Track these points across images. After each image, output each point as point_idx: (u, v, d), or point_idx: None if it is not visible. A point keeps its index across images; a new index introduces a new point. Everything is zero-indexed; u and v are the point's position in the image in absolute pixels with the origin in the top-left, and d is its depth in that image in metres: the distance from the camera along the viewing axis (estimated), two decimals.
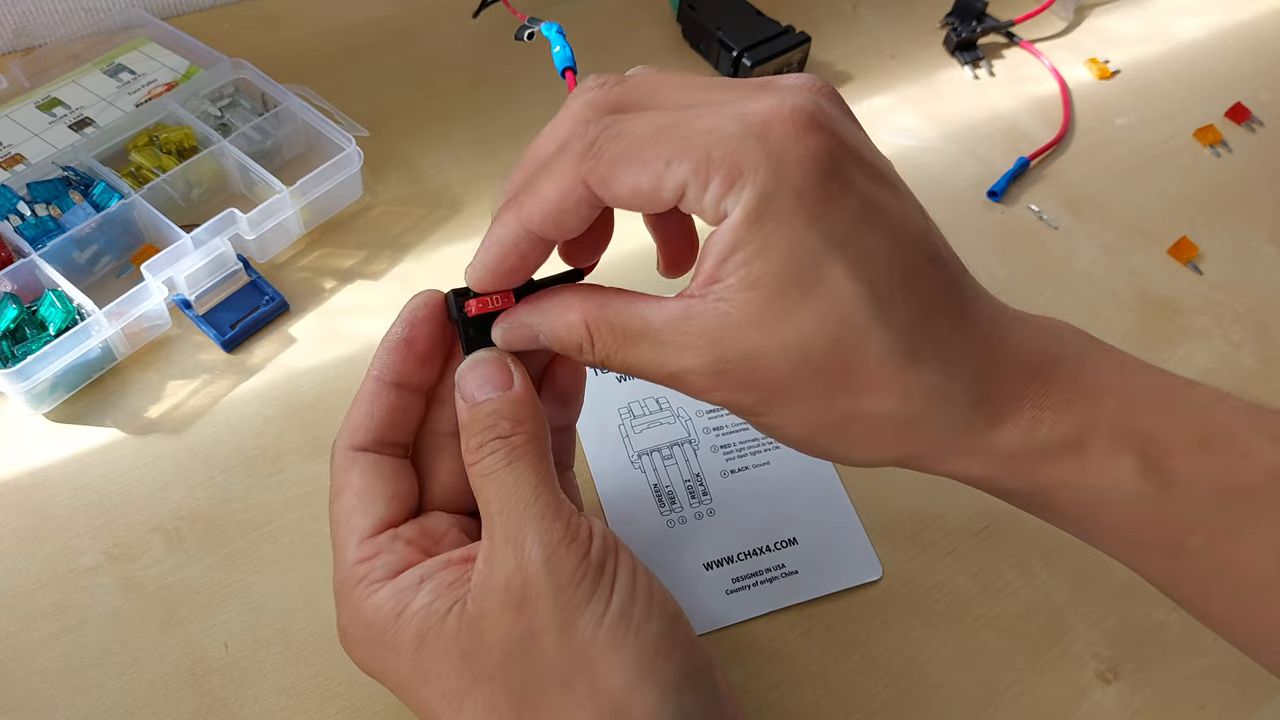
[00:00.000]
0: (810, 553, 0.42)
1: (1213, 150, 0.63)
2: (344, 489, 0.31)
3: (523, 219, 0.28)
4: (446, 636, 0.28)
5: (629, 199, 0.27)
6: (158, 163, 0.50)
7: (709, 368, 0.27)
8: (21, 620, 0.38)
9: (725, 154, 0.25)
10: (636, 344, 0.28)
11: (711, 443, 0.45)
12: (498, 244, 0.29)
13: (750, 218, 0.25)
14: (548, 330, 0.29)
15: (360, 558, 0.30)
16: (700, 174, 0.25)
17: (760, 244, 0.25)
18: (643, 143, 0.26)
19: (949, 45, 0.68)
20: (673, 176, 0.26)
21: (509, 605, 0.27)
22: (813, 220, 0.25)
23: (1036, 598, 0.42)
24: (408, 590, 0.28)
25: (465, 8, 0.64)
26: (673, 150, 0.26)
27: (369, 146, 0.52)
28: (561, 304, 0.29)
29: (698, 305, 0.26)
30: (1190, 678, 0.40)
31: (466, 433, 0.29)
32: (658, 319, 0.27)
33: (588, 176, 0.26)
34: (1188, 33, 0.72)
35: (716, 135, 0.25)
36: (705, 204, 0.26)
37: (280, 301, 0.48)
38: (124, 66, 0.56)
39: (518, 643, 0.27)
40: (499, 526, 0.28)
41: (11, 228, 0.46)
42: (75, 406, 0.44)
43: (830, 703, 0.39)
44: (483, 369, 0.30)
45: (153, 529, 0.41)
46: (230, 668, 0.38)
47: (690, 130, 0.26)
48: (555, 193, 0.27)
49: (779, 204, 0.25)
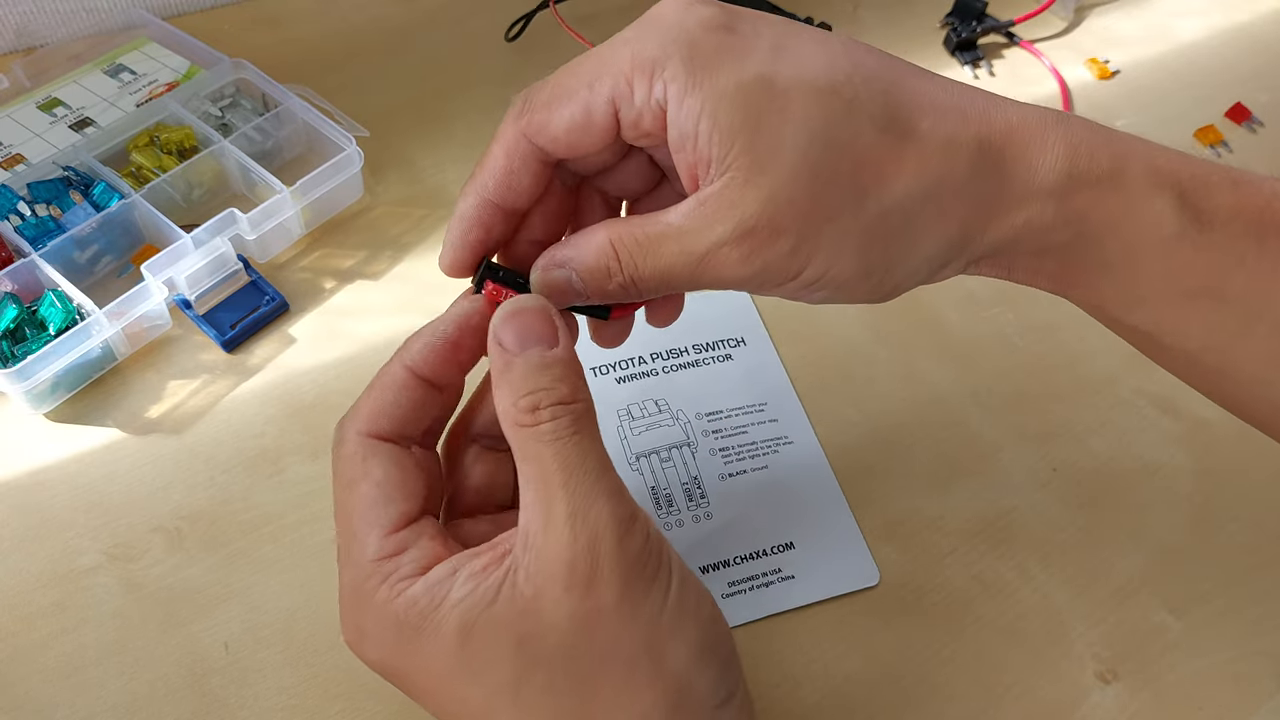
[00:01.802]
0: (807, 558, 0.42)
1: (1213, 150, 0.63)
2: (360, 478, 0.29)
3: (478, 188, 0.30)
4: (497, 622, 0.26)
5: (568, 136, 0.28)
6: (158, 163, 0.50)
7: (735, 233, 0.27)
8: (21, 620, 0.38)
9: (634, 54, 0.27)
10: (661, 244, 0.28)
11: (710, 445, 0.45)
12: (459, 218, 0.30)
13: (688, 84, 0.27)
14: (579, 258, 0.29)
15: (384, 554, 0.28)
16: (623, 82, 0.27)
17: (711, 99, 0.27)
18: (563, 78, 0.29)
19: (949, 45, 0.68)
20: (599, 95, 0.28)
21: (574, 584, 0.25)
22: (739, 57, 0.27)
23: (1036, 598, 0.42)
24: (442, 583, 0.27)
25: (465, 8, 0.64)
26: (590, 73, 0.28)
27: (369, 146, 0.52)
28: (587, 231, 0.30)
29: (706, 190, 0.27)
30: (1189, 678, 0.40)
31: (511, 388, 0.27)
32: (676, 216, 0.28)
33: (525, 128, 0.29)
34: (1188, 33, 0.72)
35: (621, 47, 0.28)
36: (639, 105, 0.27)
37: (280, 301, 0.48)
38: (125, 66, 0.56)
39: (581, 623, 0.26)
40: (562, 501, 0.26)
41: (12, 228, 0.46)
42: (75, 406, 0.44)
43: (830, 703, 0.39)
44: (525, 317, 0.28)
45: (153, 529, 0.41)
46: (230, 668, 0.38)
47: (599, 55, 0.28)
48: (501, 151, 0.29)
49: (703, 60, 0.27)
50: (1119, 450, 0.47)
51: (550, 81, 0.29)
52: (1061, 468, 0.46)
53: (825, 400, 0.47)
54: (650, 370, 0.47)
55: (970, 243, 0.29)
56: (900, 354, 0.50)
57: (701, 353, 0.48)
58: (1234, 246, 0.29)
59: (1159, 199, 0.29)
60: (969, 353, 0.50)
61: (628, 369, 0.47)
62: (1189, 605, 0.42)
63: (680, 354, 0.48)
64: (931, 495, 0.44)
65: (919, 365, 0.49)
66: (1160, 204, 0.29)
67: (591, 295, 0.30)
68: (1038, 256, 0.30)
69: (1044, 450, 0.46)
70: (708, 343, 0.49)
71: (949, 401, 0.48)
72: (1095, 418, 0.48)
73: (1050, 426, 0.47)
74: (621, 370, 0.47)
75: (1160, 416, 0.48)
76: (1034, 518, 0.44)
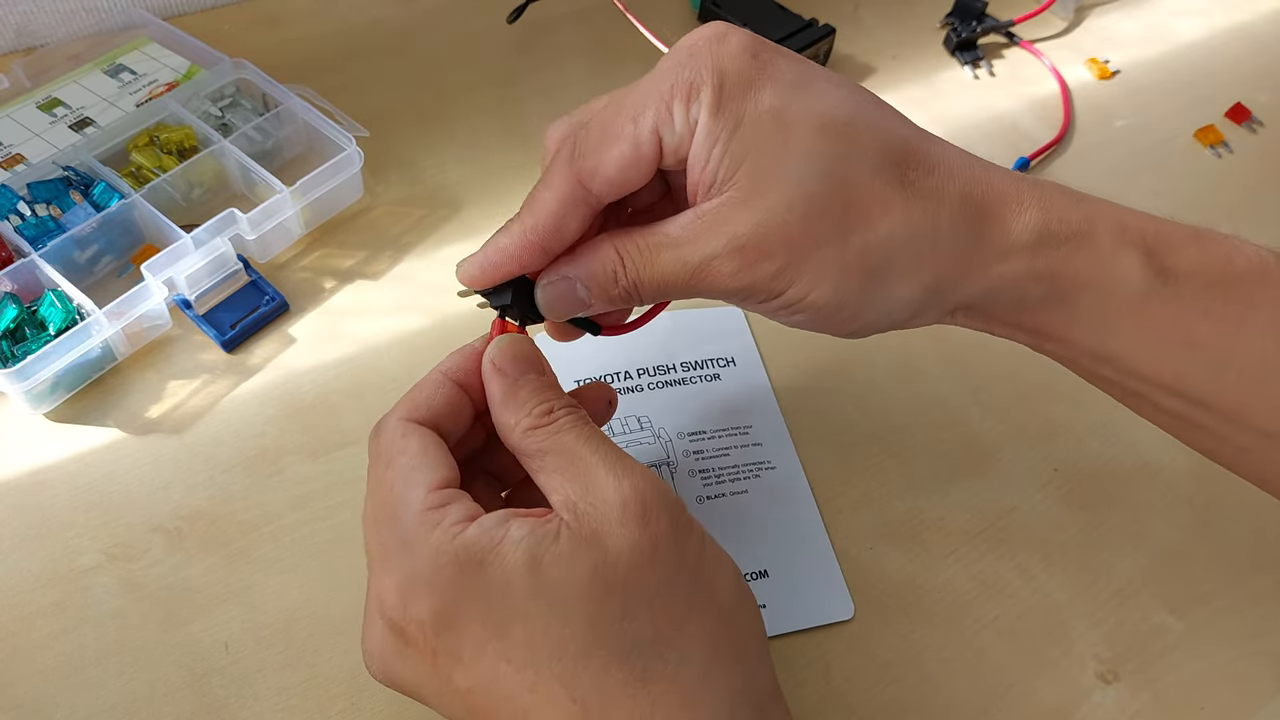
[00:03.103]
0: (782, 587, 0.41)
1: (1213, 150, 0.63)
2: (399, 453, 0.30)
3: (527, 231, 0.31)
4: (567, 554, 0.27)
5: (619, 174, 0.30)
6: (158, 163, 0.50)
7: (727, 249, 0.29)
8: (21, 620, 0.38)
9: (675, 81, 0.29)
10: (661, 253, 0.30)
11: (690, 466, 0.44)
12: (501, 251, 0.31)
13: (713, 109, 0.29)
14: (583, 270, 0.31)
15: (434, 504, 0.28)
16: (664, 108, 0.29)
17: (729, 125, 0.29)
18: (609, 118, 0.30)
19: (949, 45, 0.68)
20: (644, 126, 0.29)
21: (630, 518, 0.27)
22: (761, 88, 0.29)
23: (1036, 599, 0.42)
24: (498, 527, 0.28)
25: (465, 8, 0.64)
26: (633, 108, 0.30)
27: (369, 147, 0.52)
28: (591, 243, 0.32)
29: (704, 205, 0.30)
30: (1190, 679, 0.40)
31: (520, 404, 0.30)
32: (675, 228, 0.30)
33: (579, 173, 0.30)
34: (1188, 33, 0.72)
35: (660, 77, 0.30)
36: (679, 129, 0.29)
37: (280, 301, 0.48)
38: (125, 66, 0.56)
39: (645, 552, 0.27)
40: (599, 462, 0.28)
41: (12, 228, 0.46)
42: (75, 406, 0.44)
43: (830, 703, 0.38)
44: (521, 348, 0.32)
45: (153, 529, 0.41)
46: (230, 668, 0.38)
47: (639, 89, 0.30)
48: (554, 199, 0.30)
49: (730, 88, 0.29)
50: (1119, 450, 0.47)
51: (594, 124, 0.31)
52: (1062, 468, 0.46)
53: (823, 400, 0.47)
54: (635, 386, 0.47)
55: (946, 292, 0.31)
56: (900, 354, 0.49)
57: (689, 371, 0.48)
58: (1198, 299, 0.31)
59: (1126, 256, 0.31)
60: (969, 353, 0.50)
61: (612, 384, 0.47)
62: (1189, 606, 0.42)
63: (668, 371, 0.47)
64: (931, 495, 0.44)
65: (919, 365, 0.49)
66: (1127, 261, 0.31)
67: (595, 301, 0.32)
68: (1013, 310, 0.32)
69: (1044, 450, 0.46)
70: (697, 361, 0.48)
71: (949, 401, 0.48)
72: (1095, 418, 0.48)
73: (1050, 426, 0.47)
74: None
75: None
76: (1034, 518, 0.44)
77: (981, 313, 0.33)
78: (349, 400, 0.46)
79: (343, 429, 0.45)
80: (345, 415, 0.45)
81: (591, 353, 0.47)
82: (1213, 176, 0.62)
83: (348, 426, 0.45)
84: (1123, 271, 0.31)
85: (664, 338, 0.48)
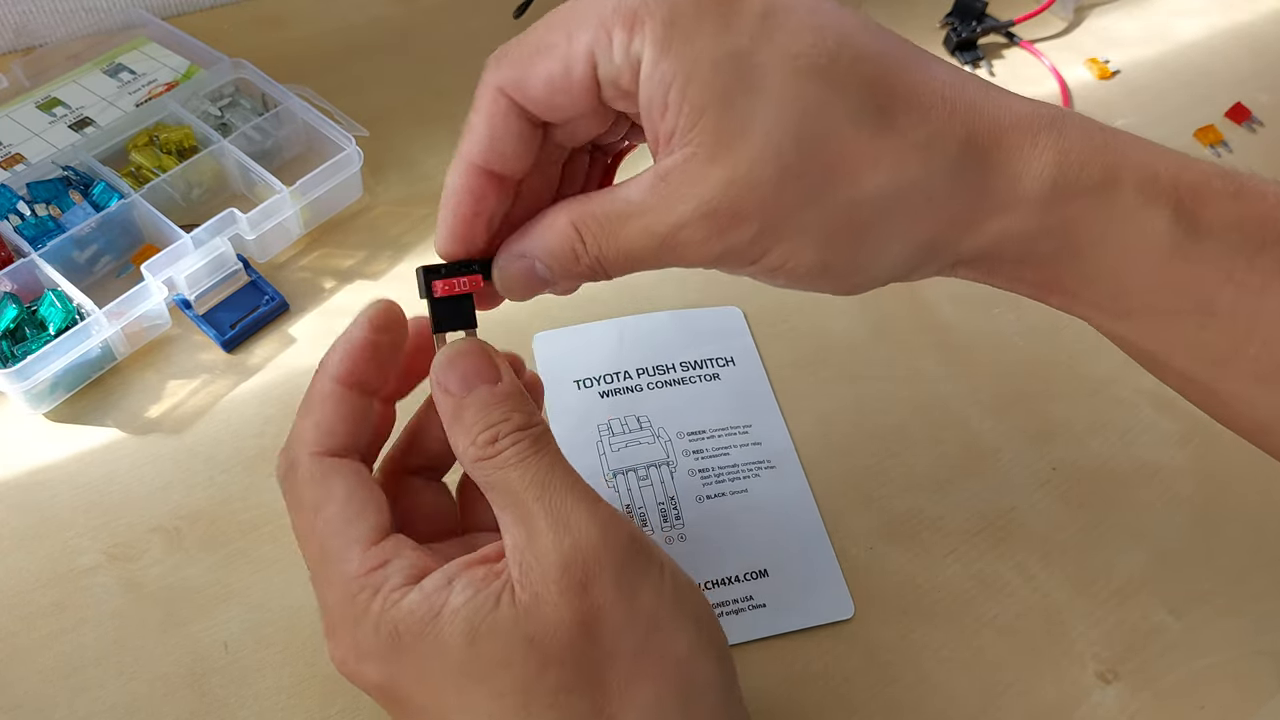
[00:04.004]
0: (781, 586, 0.41)
1: (1213, 150, 0.63)
2: (325, 500, 0.28)
3: (463, 155, 0.28)
4: (505, 625, 0.26)
5: (547, 93, 0.26)
6: (158, 163, 0.50)
7: (696, 214, 0.26)
8: (21, 620, 0.38)
9: (616, 5, 0.25)
10: (624, 224, 0.27)
11: (690, 466, 0.44)
12: (450, 192, 0.29)
13: (662, 46, 0.25)
14: (540, 247, 0.28)
15: (368, 567, 0.27)
16: (601, 33, 0.25)
17: (684, 68, 0.25)
18: (541, 29, 0.27)
19: (949, 45, 0.68)
20: (577, 48, 0.26)
21: (569, 586, 0.26)
22: (722, 23, 0.25)
23: (1036, 598, 0.42)
24: (439, 591, 0.26)
25: (465, 8, 0.64)
26: (569, 24, 0.26)
27: (369, 146, 0.52)
28: (546, 218, 0.28)
29: (666, 163, 0.26)
30: (1190, 678, 0.40)
31: (466, 429, 0.28)
32: (636, 192, 0.27)
33: (502, 84, 0.27)
34: (1188, 33, 0.72)
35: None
36: (617, 60, 0.25)
37: (280, 301, 0.48)
38: (124, 66, 0.56)
39: (585, 621, 0.26)
40: (541, 513, 0.26)
41: (11, 228, 0.46)
42: (75, 406, 0.44)
43: (830, 703, 0.38)
44: (465, 362, 0.28)
45: (153, 529, 0.41)
46: (230, 667, 0.38)
47: (579, 5, 0.26)
48: (484, 118, 0.27)
49: (683, 23, 0.25)
50: (1119, 450, 0.47)
51: (528, 32, 0.27)
52: (1061, 467, 0.46)
53: (823, 400, 0.47)
54: (634, 386, 0.47)
55: (944, 248, 0.28)
56: (900, 354, 0.49)
57: (688, 370, 0.47)
58: (1224, 261, 0.27)
59: (1152, 212, 0.27)
60: (969, 353, 0.50)
61: (611, 383, 0.47)
62: (1189, 605, 0.42)
63: (666, 370, 0.47)
64: (931, 495, 0.44)
65: (919, 365, 0.49)
66: (1153, 217, 0.27)
67: (559, 280, 0.29)
68: (1018, 264, 0.29)
69: (1044, 450, 0.46)
70: (696, 360, 0.48)
71: (949, 401, 0.48)
72: (1095, 418, 0.48)
73: (1050, 426, 0.47)
74: (605, 384, 0.46)
75: (1160, 416, 0.48)
76: (1034, 518, 0.44)
77: (985, 266, 0.29)
78: None
79: None
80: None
81: (591, 352, 0.47)
82: None
83: None
84: (1145, 229, 0.27)
85: (663, 337, 0.48)
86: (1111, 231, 0.27)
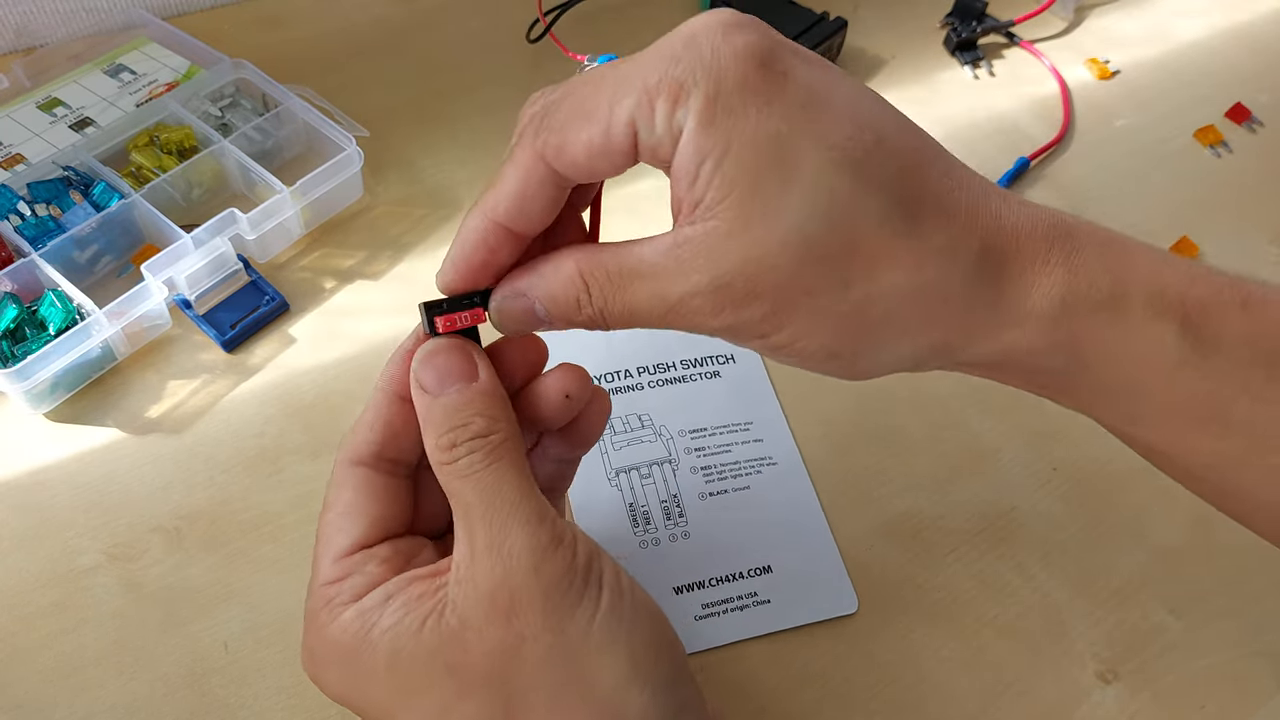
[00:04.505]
0: (785, 582, 0.41)
1: (1213, 150, 0.63)
2: (332, 505, 0.30)
3: (487, 210, 0.27)
4: (425, 651, 0.26)
5: (586, 159, 0.26)
6: (158, 163, 0.50)
7: (710, 286, 0.26)
8: (21, 620, 0.38)
9: (662, 75, 0.25)
10: (633, 283, 0.27)
11: (692, 463, 0.44)
12: (465, 241, 0.28)
13: (704, 121, 0.25)
14: (543, 290, 0.28)
15: (330, 579, 0.28)
16: (644, 102, 0.25)
17: (722, 144, 0.25)
18: (583, 97, 0.26)
19: (949, 45, 0.68)
20: (619, 116, 0.25)
21: (495, 615, 0.26)
22: (765, 105, 0.25)
23: (1036, 598, 0.42)
24: (373, 610, 0.27)
25: (465, 8, 0.64)
26: (613, 91, 0.26)
27: (369, 146, 0.52)
28: (553, 261, 0.28)
29: (687, 231, 0.26)
30: (1190, 678, 0.40)
31: (433, 428, 0.28)
32: (651, 254, 0.27)
33: (543, 150, 0.26)
34: (1188, 33, 0.72)
35: (649, 64, 0.26)
36: (658, 131, 0.25)
37: (280, 301, 0.48)
38: (125, 66, 0.56)
39: (507, 651, 0.26)
40: (481, 531, 0.27)
41: (12, 228, 0.46)
42: (75, 406, 0.44)
43: (830, 703, 0.39)
44: (442, 358, 0.28)
45: (153, 529, 0.41)
46: (230, 667, 0.38)
47: (624, 71, 0.26)
48: (515, 175, 0.27)
49: (727, 99, 0.25)
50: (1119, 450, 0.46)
51: (567, 96, 0.27)
52: (1061, 467, 0.46)
53: (824, 400, 0.47)
54: (635, 384, 0.47)
55: (953, 350, 0.28)
56: None
57: (689, 369, 0.48)
58: (1238, 374, 0.28)
59: (1160, 327, 0.27)
60: None
61: (612, 382, 0.47)
62: (1189, 605, 0.42)
63: (667, 369, 0.47)
64: (931, 495, 0.44)
65: None
66: (1160, 331, 0.27)
67: (556, 324, 0.29)
68: (1029, 372, 0.29)
69: (1044, 450, 0.46)
70: (696, 359, 0.48)
71: (949, 401, 0.48)
72: None
73: (1050, 426, 0.47)
74: (606, 384, 0.47)
75: None
76: (1034, 518, 0.44)
77: (994, 371, 0.30)
78: (349, 400, 0.46)
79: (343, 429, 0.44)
80: (345, 415, 0.45)
81: (591, 352, 0.47)
82: (1213, 176, 0.62)
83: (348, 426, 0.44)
84: (1153, 344, 0.27)
85: (664, 336, 0.48)
86: (1120, 347, 0.28)
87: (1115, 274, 0.27)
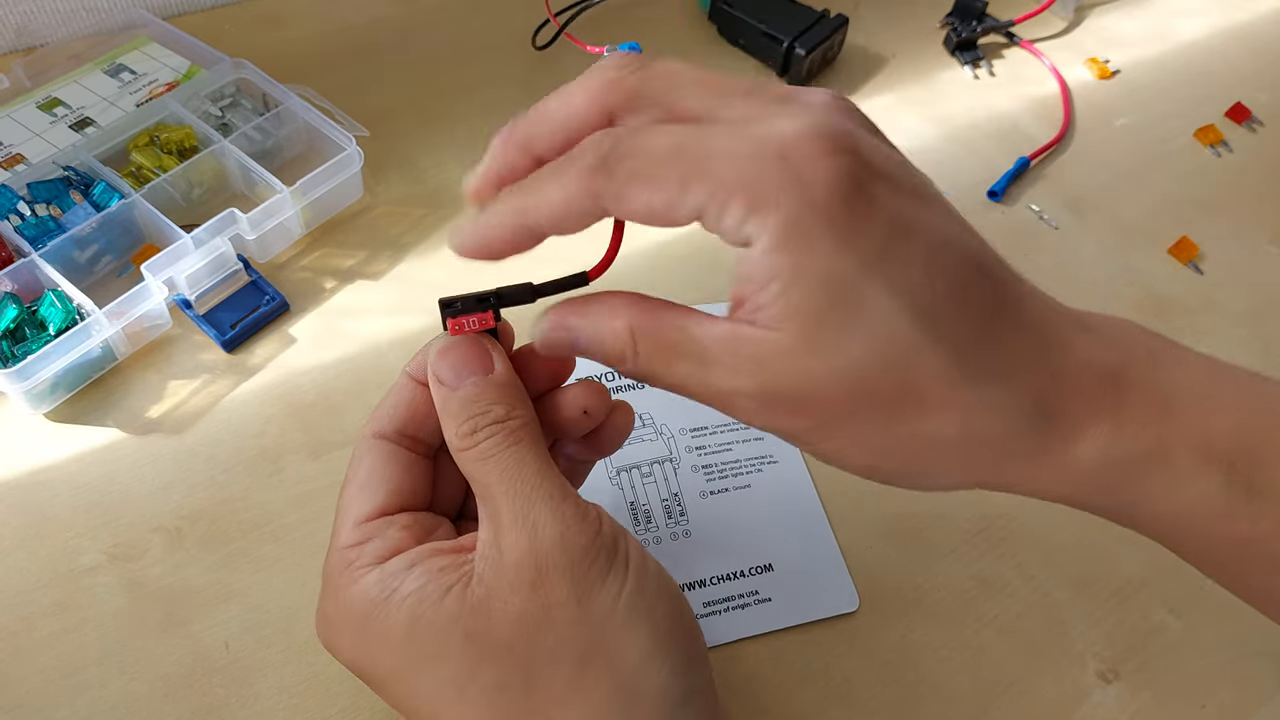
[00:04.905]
0: (786, 581, 0.41)
1: (1213, 150, 0.63)
2: (353, 475, 0.30)
3: (526, 218, 0.27)
4: (445, 617, 0.27)
5: (642, 216, 0.26)
6: (158, 163, 0.50)
7: (759, 392, 0.26)
8: (22, 620, 0.38)
9: (743, 179, 0.24)
10: (681, 360, 0.27)
11: (693, 462, 0.44)
12: (493, 229, 0.28)
13: (779, 245, 0.24)
14: (590, 334, 0.28)
15: (351, 542, 0.29)
16: (717, 198, 0.25)
17: (792, 272, 0.24)
18: (656, 162, 0.25)
19: (949, 45, 0.68)
20: (689, 200, 0.25)
21: (520, 583, 0.26)
22: (842, 242, 0.24)
23: (1036, 598, 0.42)
24: (396, 575, 0.27)
25: (465, 8, 0.64)
26: (688, 172, 0.25)
27: (369, 146, 0.52)
28: (608, 309, 0.28)
29: (747, 330, 0.26)
30: (1190, 678, 0.40)
31: (452, 419, 0.28)
32: (707, 337, 0.26)
33: (600, 193, 0.26)
34: (1188, 33, 0.72)
35: (734, 159, 0.25)
36: (724, 227, 0.25)
37: (280, 301, 0.48)
38: (125, 66, 0.56)
39: (531, 620, 0.26)
40: (505, 507, 0.27)
41: (12, 228, 0.46)
42: (75, 406, 0.44)
43: (830, 703, 0.39)
44: (457, 352, 0.29)
45: (153, 529, 0.41)
46: (230, 667, 0.38)
47: (706, 152, 0.25)
48: (562, 200, 0.26)
49: (805, 229, 0.24)
50: None
51: (639, 154, 0.25)
52: None
53: None
54: (636, 383, 0.47)
55: (993, 486, 0.28)
56: None
57: None
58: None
59: (1204, 479, 0.27)
60: None
61: (613, 381, 0.47)
62: (1189, 605, 0.42)
63: None
64: (932, 495, 0.44)
65: None
66: (1206, 483, 0.27)
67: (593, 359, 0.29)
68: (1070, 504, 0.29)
69: None
70: None
71: None
72: None
73: None
74: (607, 383, 0.46)
75: None
76: (1034, 518, 0.44)
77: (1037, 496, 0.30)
78: (349, 400, 0.46)
79: (343, 429, 0.45)
80: (346, 415, 0.45)
81: None
82: (1213, 176, 0.62)
83: (348, 426, 0.45)
84: (1198, 494, 0.27)
85: None
86: (1162, 496, 0.28)
87: (1160, 427, 0.27)
